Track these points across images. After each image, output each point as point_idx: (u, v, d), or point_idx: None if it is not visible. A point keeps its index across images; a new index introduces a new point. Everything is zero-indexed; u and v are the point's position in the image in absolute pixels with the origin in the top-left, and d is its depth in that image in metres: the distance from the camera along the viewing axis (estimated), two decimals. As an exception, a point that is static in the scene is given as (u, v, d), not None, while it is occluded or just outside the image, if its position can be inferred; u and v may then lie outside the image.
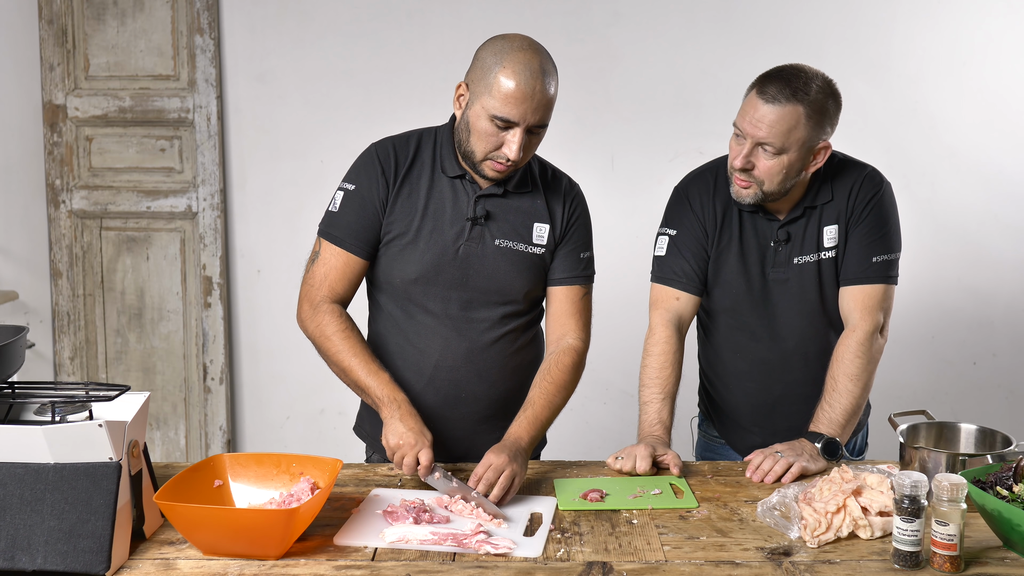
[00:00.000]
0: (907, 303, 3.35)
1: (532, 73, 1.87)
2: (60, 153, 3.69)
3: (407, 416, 1.91)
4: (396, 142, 2.06)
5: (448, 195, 2.02)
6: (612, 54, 3.60)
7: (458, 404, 2.08)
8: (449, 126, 2.06)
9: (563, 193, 2.10)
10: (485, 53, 1.92)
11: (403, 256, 2.02)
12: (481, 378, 2.08)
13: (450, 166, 2.03)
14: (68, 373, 3.78)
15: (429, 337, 2.05)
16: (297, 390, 3.78)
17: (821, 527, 1.67)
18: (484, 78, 1.89)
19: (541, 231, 2.06)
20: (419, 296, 2.04)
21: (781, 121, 1.99)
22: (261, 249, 3.75)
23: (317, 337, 2.02)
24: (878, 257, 2.14)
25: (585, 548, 1.66)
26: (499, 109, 1.87)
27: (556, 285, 2.10)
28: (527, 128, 1.90)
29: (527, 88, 1.87)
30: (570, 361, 2.06)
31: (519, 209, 2.05)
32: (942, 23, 3.56)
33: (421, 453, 1.84)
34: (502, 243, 2.03)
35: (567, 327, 2.09)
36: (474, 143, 1.94)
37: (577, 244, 2.10)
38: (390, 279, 2.05)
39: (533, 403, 2.01)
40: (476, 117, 1.91)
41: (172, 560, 1.61)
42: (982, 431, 1.99)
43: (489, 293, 2.04)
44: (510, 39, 1.92)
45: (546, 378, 2.04)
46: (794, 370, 2.24)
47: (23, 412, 1.71)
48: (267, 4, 3.62)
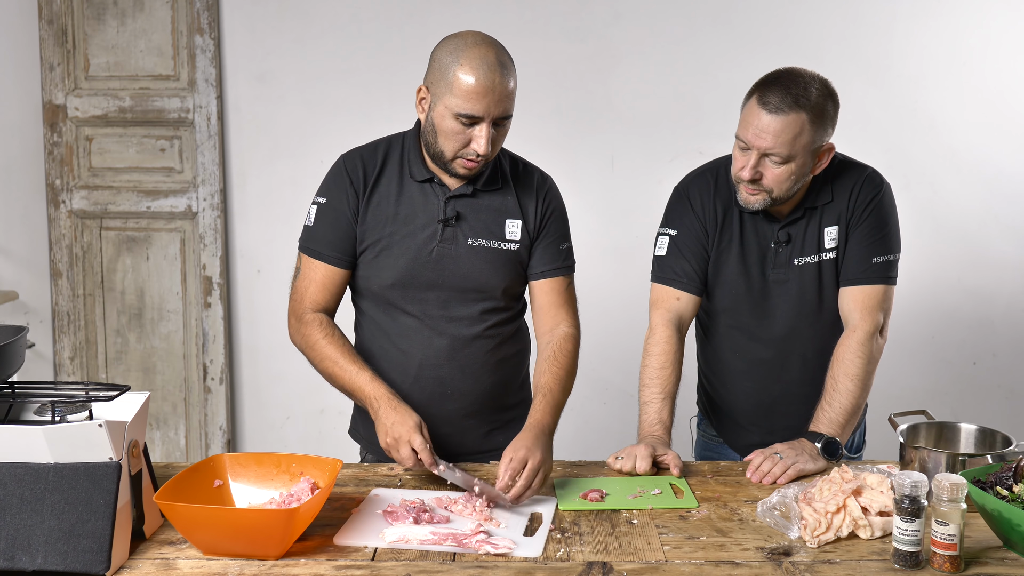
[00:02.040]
0: (907, 303, 3.35)
1: (490, 67, 1.89)
2: (60, 153, 3.69)
3: (388, 409, 1.92)
4: (364, 152, 2.09)
5: (418, 199, 2.04)
6: (612, 54, 3.60)
7: (445, 401, 2.09)
8: (415, 131, 2.08)
9: (535, 187, 2.12)
10: (440, 53, 1.94)
11: (379, 263, 2.05)
12: (465, 374, 2.10)
13: (418, 170, 2.05)
14: (68, 373, 3.78)
15: (411, 338, 2.08)
16: (297, 390, 3.78)
17: (821, 527, 1.67)
18: (443, 78, 1.91)
19: (514, 227, 2.08)
20: (398, 299, 2.07)
21: (786, 130, 1.99)
22: (261, 249, 3.75)
23: (305, 348, 2.06)
24: (878, 258, 2.14)
25: (585, 548, 1.66)
26: (462, 106, 1.89)
27: (540, 279, 2.12)
28: (492, 121, 1.91)
29: (487, 82, 1.88)
30: (572, 347, 2.10)
31: (490, 207, 2.07)
32: (942, 23, 3.56)
33: (412, 440, 1.86)
34: (475, 242, 2.05)
35: (559, 317, 2.12)
36: (442, 143, 1.95)
37: (555, 236, 2.13)
38: (369, 285, 2.08)
39: (549, 388, 2.03)
40: (441, 117, 1.93)
41: (172, 560, 1.61)
42: (982, 431, 1.99)
43: (466, 291, 2.07)
44: (463, 36, 1.94)
45: (554, 364, 2.06)
46: (793, 370, 2.24)
47: (23, 412, 1.71)
48: (267, 4, 3.62)
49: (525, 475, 1.82)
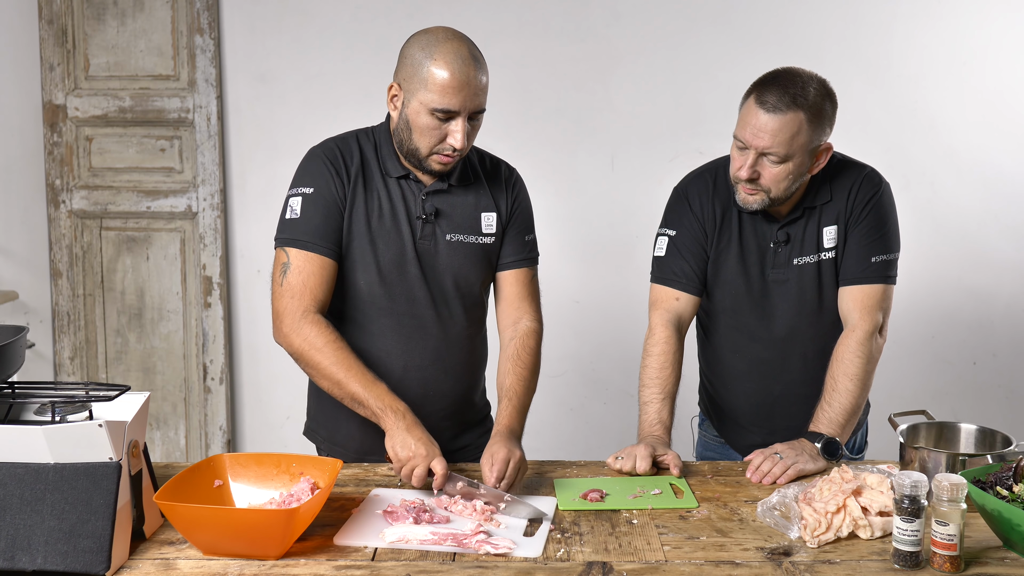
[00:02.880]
0: (907, 303, 3.35)
1: (464, 61, 1.88)
2: (60, 153, 3.69)
3: (413, 426, 1.88)
4: (338, 143, 2.05)
5: (396, 196, 2.02)
6: (612, 54, 3.60)
7: (425, 402, 2.05)
8: (386, 126, 2.06)
9: (503, 180, 2.12)
10: (412, 50, 1.93)
11: (363, 260, 2.01)
12: (448, 375, 2.10)
13: (393, 167, 2.03)
14: (68, 373, 3.78)
15: (394, 338, 2.05)
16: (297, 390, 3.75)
17: (821, 527, 1.67)
18: (416, 74, 1.90)
19: (489, 220, 2.08)
20: (382, 299, 2.03)
21: (783, 130, 1.99)
22: (261, 249, 3.75)
23: (306, 350, 1.96)
24: (877, 257, 2.14)
25: (585, 548, 1.66)
26: (438, 102, 1.88)
27: (506, 269, 2.13)
28: (467, 115, 1.91)
29: (462, 76, 1.88)
30: (535, 343, 2.10)
31: (466, 202, 2.06)
32: (942, 23, 3.56)
33: (435, 463, 1.82)
34: (453, 237, 2.05)
35: (522, 310, 2.12)
36: (417, 140, 1.94)
37: (521, 228, 2.13)
38: (352, 283, 2.03)
39: (515, 391, 2.04)
40: (415, 114, 1.92)
41: (172, 560, 1.61)
42: (982, 431, 1.99)
43: (449, 289, 2.06)
44: (434, 32, 1.94)
45: (519, 364, 2.06)
46: (793, 370, 2.24)
47: (23, 412, 1.71)
48: (267, 4, 3.62)
49: (510, 473, 1.85)
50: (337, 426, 2.12)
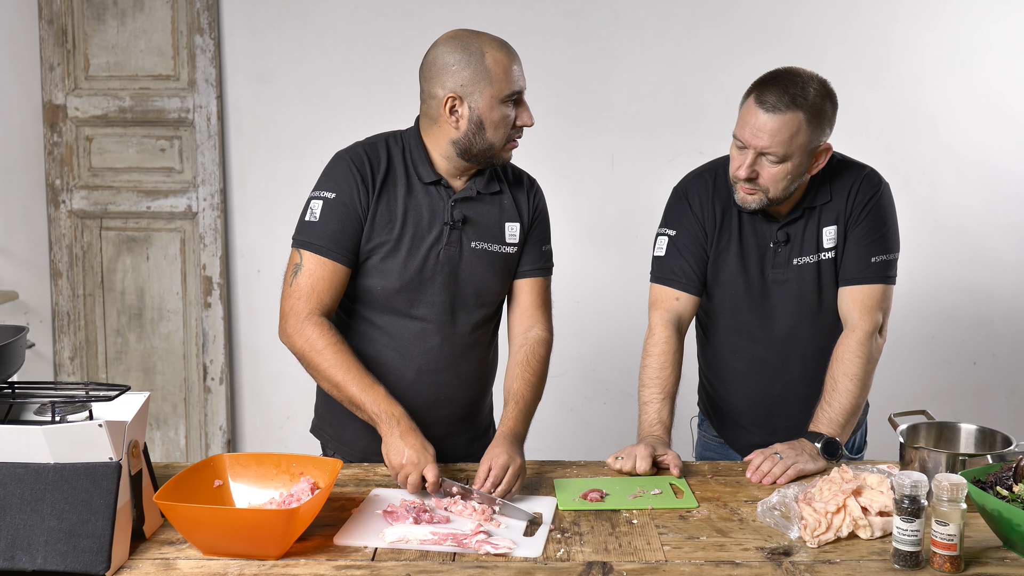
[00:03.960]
0: (907, 303, 3.35)
1: (504, 44, 1.96)
2: (60, 153, 3.69)
3: (408, 432, 1.88)
4: (367, 148, 2.04)
5: (424, 201, 2.02)
6: (612, 54, 3.60)
7: (437, 408, 2.07)
8: (415, 131, 2.05)
9: (526, 189, 2.14)
10: (449, 58, 1.94)
11: (385, 265, 2.01)
12: (461, 381, 2.10)
13: (424, 172, 2.02)
14: (68, 373, 3.78)
15: (411, 343, 2.05)
16: (297, 390, 3.76)
17: (821, 527, 1.67)
18: (475, 74, 1.92)
19: (513, 230, 2.09)
20: (402, 304, 2.03)
21: (782, 129, 1.99)
22: (261, 249, 3.75)
23: (307, 352, 1.96)
24: (877, 257, 2.14)
25: (585, 548, 1.66)
26: (509, 85, 1.94)
27: (524, 278, 2.13)
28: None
29: (514, 56, 1.97)
30: (544, 352, 2.11)
31: (492, 211, 2.07)
32: (942, 23, 3.56)
33: (427, 470, 1.83)
34: (478, 245, 2.05)
35: (535, 319, 2.13)
36: (491, 136, 1.96)
37: (540, 238, 2.15)
38: (371, 288, 2.03)
39: (521, 396, 2.04)
40: (489, 109, 1.94)
41: (172, 560, 1.61)
42: (982, 431, 1.99)
43: (469, 297, 2.06)
44: (460, 33, 1.98)
45: (528, 370, 2.07)
46: (793, 370, 2.24)
47: (23, 412, 1.71)
48: (267, 4, 3.62)
49: (507, 479, 1.84)
50: (344, 425, 2.11)
